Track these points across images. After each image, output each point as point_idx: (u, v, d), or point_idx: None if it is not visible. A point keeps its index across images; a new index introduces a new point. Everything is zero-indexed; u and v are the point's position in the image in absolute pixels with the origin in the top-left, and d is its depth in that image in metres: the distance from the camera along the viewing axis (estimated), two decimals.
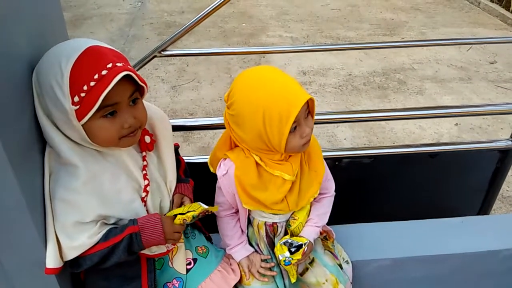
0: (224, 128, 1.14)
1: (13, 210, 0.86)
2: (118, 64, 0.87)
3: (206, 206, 1.04)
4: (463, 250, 1.39)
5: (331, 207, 1.25)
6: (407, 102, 3.85)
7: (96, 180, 0.94)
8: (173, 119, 1.38)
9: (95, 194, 0.94)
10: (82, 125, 0.88)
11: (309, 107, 1.03)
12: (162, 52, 1.37)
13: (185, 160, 1.26)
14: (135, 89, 0.93)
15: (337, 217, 1.46)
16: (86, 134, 0.90)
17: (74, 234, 0.93)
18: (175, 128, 1.48)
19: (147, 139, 1.06)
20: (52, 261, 0.92)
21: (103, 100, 0.85)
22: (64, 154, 0.91)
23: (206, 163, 1.40)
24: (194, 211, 1.01)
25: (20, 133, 0.86)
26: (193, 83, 3.95)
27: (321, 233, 1.33)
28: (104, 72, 0.84)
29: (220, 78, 4.02)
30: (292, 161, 1.10)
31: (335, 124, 3.36)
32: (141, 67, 1.35)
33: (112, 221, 0.98)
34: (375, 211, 1.65)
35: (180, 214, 1.02)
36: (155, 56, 1.37)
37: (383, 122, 3.44)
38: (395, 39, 5.13)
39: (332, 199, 1.26)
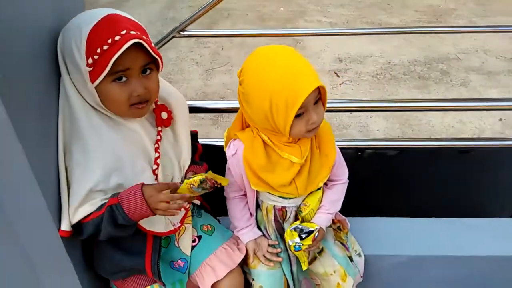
0: None
1: (20, 176, 0.88)
2: (132, 32, 0.89)
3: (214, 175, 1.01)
4: (488, 253, 1.30)
5: (344, 195, 1.20)
6: (448, 94, 3.64)
7: (110, 145, 0.97)
8: (204, 100, 1.36)
9: (111, 158, 0.96)
10: (95, 88, 0.91)
11: (320, 95, 0.99)
12: (181, 32, 1.35)
13: (213, 143, 1.29)
14: (149, 60, 0.95)
15: (355, 209, 1.41)
16: (99, 97, 0.93)
17: (83, 201, 0.95)
18: (205, 110, 1.46)
19: (164, 115, 1.07)
20: (65, 225, 0.96)
21: (114, 65, 0.89)
22: (79, 116, 0.95)
23: None
24: (201, 175, 1.00)
25: (37, 102, 0.88)
26: (227, 66, 3.93)
27: (334, 223, 1.30)
28: (117, 38, 0.88)
29: None
30: (301, 144, 1.06)
31: (369, 114, 3.25)
32: (160, 47, 1.35)
33: (116, 192, 0.98)
34: (398, 206, 1.55)
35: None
36: (174, 36, 1.36)
37: (420, 114, 3.29)
38: None
39: (345, 186, 1.21)
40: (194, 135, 1.25)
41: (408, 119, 3.26)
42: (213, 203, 1.29)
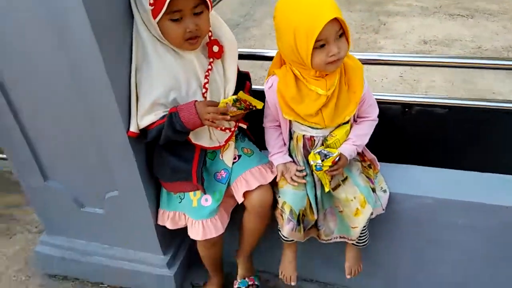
0: None
1: (102, 91, 1.18)
2: None
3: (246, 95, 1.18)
4: None
5: (371, 131, 1.31)
6: None
7: (170, 69, 1.21)
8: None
9: (170, 80, 1.21)
10: (157, 24, 1.14)
11: (344, 31, 1.11)
12: None
13: None
14: (198, 2, 1.15)
15: (396, 160, 1.48)
16: (161, 32, 1.15)
17: (148, 110, 1.22)
18: (259, 57, 1.65)
19: (215, 48, 1.27)
20: (133, 127, 1.24)
21: (170, 5, 1.10)
22: (147, 44, 1.19)
23: None
24: (234, 96, 1.18)
25: (117, 31, 1.15)
26: None
27: (365, 160, 1.40)
28: None
29: None
30: (328, 78, 1.19)
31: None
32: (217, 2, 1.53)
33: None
34: (442, 163, 1.57)
35: None
36: None
37: (487, 83, 3.11)
38: None
39: (374, 123, 1.31)
40: (245, 74, 1.43)
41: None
42: (259, 137, 1.47)
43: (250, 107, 1.21)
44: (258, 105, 1.20)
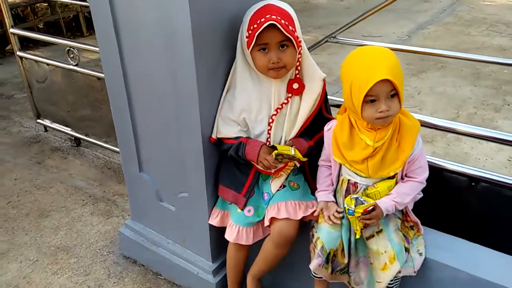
0: None
1: (190, 106, 1.47)
2: (273, 17, 1.30)
3: (293, 152, 1.38)
4: None
5: (414, 192, 1.35)
6: None
7: (248, 95, 1.45)
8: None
9: (245, 102, 1.45)
10: (250, 53, 1.38)
11: (397, 91, 1.22)
12: (332, 39, 1.73)
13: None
14: (284, 38, 1.34)
15: (448, 230, 1.48)
16: (252, 60, 1.40)
17: (224, 124, 1.50)
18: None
19: (295, 85, 1.44)
20: (213, 135, 1.52)
21: (258, 38, 1.33)
22: (238, 70, 1.45)
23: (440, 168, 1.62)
24: (277, 150, 1.39)
25: (212, 58, 1.45)
26: (415, 109, 4.01)
27: (408, 221, 1.43)
28: (262, 20, 1.31)
29: (445, 111, 3.91)
30: (379, 132, 1.29)
31: None
32: (315, 48, 1.75)
33: (245, 128, 1.49)
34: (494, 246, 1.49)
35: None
36: (327, 41, 1.74)
37: None
38: None
39: (419, 186, 1.35)
40: (329, 119, 1.52)
41: None
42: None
43: (294, 159, 1.41)
44: (301, 158, 1.40)
